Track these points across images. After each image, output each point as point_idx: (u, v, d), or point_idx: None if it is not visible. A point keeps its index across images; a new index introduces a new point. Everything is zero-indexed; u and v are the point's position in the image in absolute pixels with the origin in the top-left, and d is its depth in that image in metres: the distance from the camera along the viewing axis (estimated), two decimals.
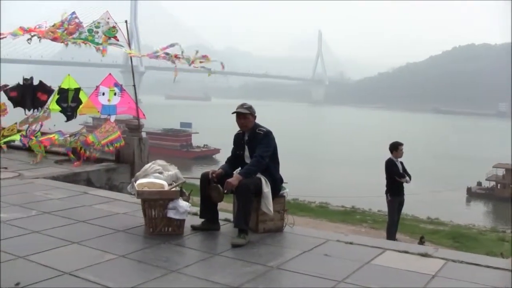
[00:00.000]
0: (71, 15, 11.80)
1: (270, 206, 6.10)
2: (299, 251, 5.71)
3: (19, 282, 4.57)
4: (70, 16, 11.81)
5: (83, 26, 11.52)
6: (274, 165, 6.37)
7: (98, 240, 5.96)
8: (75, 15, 11.80)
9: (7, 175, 10.03)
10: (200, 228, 6.36)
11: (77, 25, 11.56)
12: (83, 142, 11.33)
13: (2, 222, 6.64)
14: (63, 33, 11.57)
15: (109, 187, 10.51)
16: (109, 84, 11.63)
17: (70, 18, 11.74)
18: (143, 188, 6.17)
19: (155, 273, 4.93)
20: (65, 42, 11.61)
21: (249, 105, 6.44)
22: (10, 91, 13.00)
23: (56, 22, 11.84)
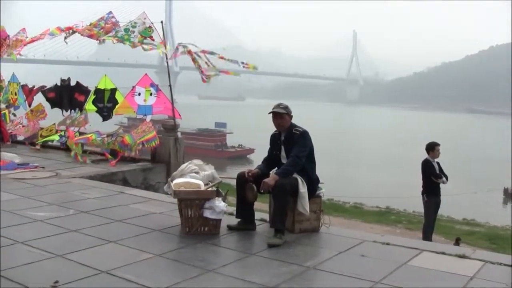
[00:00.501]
0: (108, 15, 11.95)
1: (306, 206, 6.06)
2: (335, 251, 5.66)
3: (58, 280, 4.61)
4: (107, 15, 11.96)
5: (120, 25, 11.65)
6: (311, 165, 6.33)
7: (135, 239, 5.99)
8: (112, 14, 11.95)
9: (44, 174, 10.16)
10: (236, 228, 6.34)
11: (114, 24, 11.70)
12: (120, 143, 11.42)
13: (41, 220, 6.73)
14: (99, 31, 11.71)
15: (145, 186, 10.57)
16: (145, 84, 11.72)
17: (107, 17, 11.90)
18: (180, 188, 6.17)
19: (191, 273, 4.92)
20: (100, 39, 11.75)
21: (285, 105, 6.40)
22: (48, 92, 13.21)
23: (93, 21, 12.01)
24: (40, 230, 6.31)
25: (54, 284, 4.55)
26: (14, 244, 5.69)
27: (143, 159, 11.69)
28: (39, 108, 13.97)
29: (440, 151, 12.08)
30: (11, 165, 10.74)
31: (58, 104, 13.14)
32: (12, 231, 6.17)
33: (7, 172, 10.21)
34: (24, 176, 9.92)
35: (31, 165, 10.94)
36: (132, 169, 10.96)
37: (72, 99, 12.79)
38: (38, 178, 9.70)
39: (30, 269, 4.96)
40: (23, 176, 9.86)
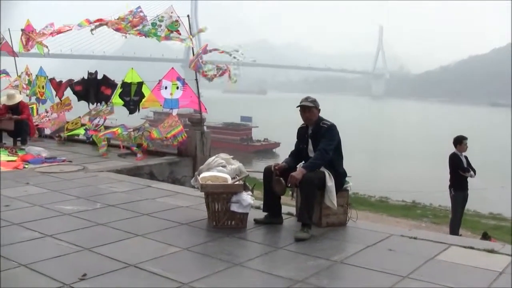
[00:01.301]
0: (137, 9, 12.03)
1: (334, 200, 6.01)
2: (362, 245, 5.62)
3: (86, 273, 4.62)
4: (135, 10, 12.03)
5: (147, 20, 11.70)
6: (338, 159, 6.27)
7: (162, 233, 5.99)
8: (140, 9, 12.02)
9: (71, 168, 10.24)
10: (263, 222, 6.32)
11: (141, 18, 11.77)
12: (147, 137, 11.47)
13: (68, 214, 6.78)
14: (127, 25, 11.78)
15: (171, 180, 10.60)
16: (171, 78, 11.75)
17: (135, 11, 11.97)
18: (207, 182, 6.17)
19: (218, 266, 4.91)
20: (126, 33, 11.81)
21: (313, 98, 6.35)
22: (75, 85, 13.34)
23: (121, 15, 12.08)
24: (68, 223, 6.36)
25: (82, 277, 4.57)
26: (43, 237, 5.73)
27: (170, 152, 11.74)
28: (66, 101, 14.10)
29: (468, 144, 11.94)
30: (38, 159, 10.85)
31: (85, 97, 13.27)
32: (41, 224, 6.23)
33: (35, 166, 10.33)
34: (52, 170, 10.01)
35: (58, 159, 11.03)
36: (158, 162, 10.99)
37: (98, 92, 12.92)
38: (65, 172, 9.78)
39: (58, 262, 4.99)
40: (51, 170, 9.95)
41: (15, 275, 4.67)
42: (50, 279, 4.53)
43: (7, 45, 15.51)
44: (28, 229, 6.03)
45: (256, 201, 6.44)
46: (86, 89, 13.20)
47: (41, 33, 14.07)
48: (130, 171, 10.21)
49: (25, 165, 10.37)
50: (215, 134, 49.60)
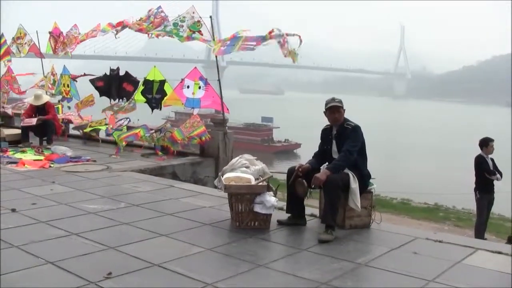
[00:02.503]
0: (157, 9, 12.08)
1: (357, 202, 6.00)
2: (387, 248, 5.59)
3: (111, 272, 4.68)
4: (156, 10, 12.08)
5: (169, 20, 11.74)
6: (362, 160, 6.26)
7: (186, 233, 6.03)
8: (161, 9, 12.06)
9: (96, 167, 10.34)
10: (286, 223, 6.33)
11: (163, 19, 11.81)
12: (169, 139, 11.52)
13: (93, 213, 6.85)
14: (148, 25, 11.85)
15: (194, 180, 10.63)
16: (194, 77, 11.78)
17: (156, 12, 12.02)
18: (230, 182, 6.19)
19: (242, 267, 4.93)
20: (148, 33, 11.89)
21: (339, 99, 6.34)
22: (97, 81, 13.46)
23: (143, 16, 12.16)
24: (93, 222, 6.43)
25: (107, 275, 4.62)
26: (69, 235, 5.81)
27: (192, 153, 11.78)
28: (89, 98, 14.25)
29: (494, 147, 11.80)
30: (64, 158, 10.97)
31: (107, 93, 13.37)
32: (67, 223, 6.32)
33: (61, 165, 10.45)
34: (77, 169, 10.12)
35: (83, 158, 11.15)
36: (181, 163, 11.04)
37: (120, 89, 12.99)
38: (90, 171, 9.89)
39: (84, 260, 5.05)
40: (76, 169, 10.06)
41: (42, 272, 4.74)
42: (76, 277, 4.59)
43: (35, 47, 15.76)
44: (55, 227, 6.12)
45: (280, 202, 6.43)
46: (108, 85, 13.29)
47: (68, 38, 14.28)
48: (153, 171, 10.27)
49: (51, 164, 10.50)
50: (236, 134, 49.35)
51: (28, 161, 10.68)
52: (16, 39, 16.16)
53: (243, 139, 58.52)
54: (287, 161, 52.26)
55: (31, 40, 15.85)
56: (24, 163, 10.45)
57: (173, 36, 11.69)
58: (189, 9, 11.74)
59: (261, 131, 67.23)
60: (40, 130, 12.86)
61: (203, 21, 11.63)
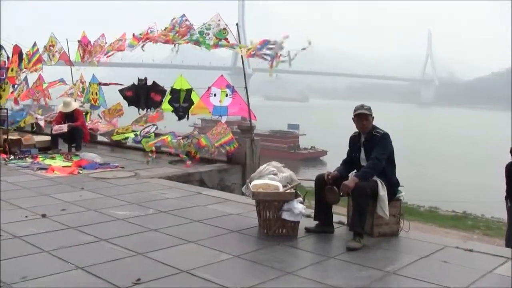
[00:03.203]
0: (182, 18, 12.12)
1: (386, 210, 5.96)
2: (416, 256, 5.53)
3: (140, 278, 4.71)
4: (180, 18, 12.13)
5: (194, 28, 11.79)
6: (391, 168, 6.22)
7: (213, 239, 6.04)
8: (185, 17, 12.11)
9: (124, 174, 10.43)
10: (314, 231, 6.30)
11: (188, 27, 11.86)
12: (196, 145, 11.56)
13: (122, 219, 6.91)
14: (174, 35, 11.91)
15: (221, 187, 10.65)
16: (221, 85, 11.82)
17: (180, 20, 12.06)
18: (258, 190, 6.20)
19: (270, 274, 4.92)
20: (175, 43, 11.95)
21: (368, 106, 6.30)
22: (126, 91, 13.59)
23: (168, 25, 12.22)
24: (122, 228, 6.48)
25: (136, 281, 4.65)
26: (98, 241, 5.87)
27: (219, 160, 11.80)
28: (117, 107, 14.38)
29: None
30: (92, 165, 11.08)
31: (135, 102, 13.50)
32: (96, 229, 6.38)
33: (89, 172, 10.55)
34: (105, 175, 10.22)
35: (111, 165, 11.25)
36: (208, 170, 11.08)
37: (148, 98, 13.10)
38: (118, 178, 9.98)
39: (113, 266, 5.09)
40: (104, 176, 10.16)
41: (72, 277, 4.80)
42: (106, 282, 4.64)
43: (65, 55, 16.00)
44: (84, 233, 6.19)
45: (307, 209, 6.42)
46: (137, 95, 13.43)
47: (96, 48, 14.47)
48: (180, 177, 10.32)
49: (80, 171, 10.62)
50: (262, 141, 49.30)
51: (57, 167, 10.81)
52: (48, 47, 16.42)
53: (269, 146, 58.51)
54: (313, 168, 52.14)
55: (61, 48, 16.12)
56: (54, 169, 10.59)
57: (200, 44, 11.74)
58: (214, 17, 11.76)
59: (288, 138, 67.23)
60: (69, 137, 13.03)
61: (229, 28, 11.67)
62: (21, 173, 10.43)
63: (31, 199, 8.08)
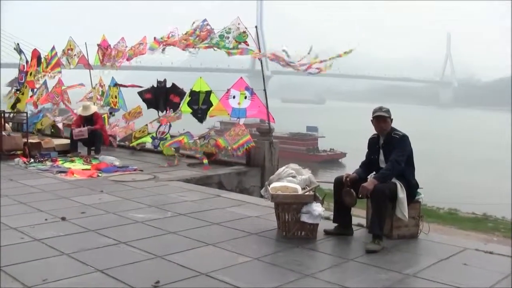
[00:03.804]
0: (203, 22, 12.20)
1: (405, 212, 5.92)
2: (435, 259, 5.48)
3: (159, 280, 4.71)
4: (201, 23, 12.19)
5: (215, 32, 11.84)
6: (410, 170, 6.18)
7: (232, 242, 6.04)
8: (206, 22, 12.17)
9: (143, 177, 10.46)
10: (333, 233, 6.28)
11: (209, 32, 11.91)
12: (214, 145, 11.59)
13: (141, 222, 6.93)
14: (195, 39, 11.96)
15: (239, 190, 10.65)
16: (240, 87, 11.84)
17: (201, 25, 12.13)
18: (277, 192, 6.19)
19: (289, 277, 4.90)
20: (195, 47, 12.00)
21: (387, 108, 6.28)
22: (145, 93, 13.67)
23: (188, 30, 12.29)
24: (141, 231, 6.51)
25: (155, 284, 4.66)
26: (118, 244, 5.89)
27: (238, 162, 11.81)
28: (137, 109, 14.45)
29: None
30: (111, 168, 11.14)
31: (154, 105, 13.56)
32: (115, 231, 6.41)
33: (108, 175, 10.61)
34: (124, 178, 10.27)
35: (130, 168, 11.30)
36: (227, 172, 11.09)
37: (167, 100, 13.16)
38: (137, 181, 10.02)
39: (132, 269, 5.11)
40: (123, 179, 10.21)
41: (91, 279, 4.81)
42: (125, 285, 4.65)
43: (84, 58, 16.12)
44: (103, 236, 6.22)
45: (326, 211, 6.41)
46: (156, 97, 13.50)
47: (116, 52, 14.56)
48: (199, 180, 10.34)
49: (99, 174, 10.69)
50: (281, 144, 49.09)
51: (77, 170, 10.89)
52: (66, 51, 16.55)
53: (288, 148, 58.41)
54: (332, 170, 51.96)
55: (80, 52, 16.25)
56: (73, 173, 10.66)
57: (220, 48, 11.78)
58: (234, 21, 11.84)
59: (306, 141, 66.98)
60: (88, 140, 13.12)
61: (248, 31, 11.70)
62: (41, 176, 10.53)
63: (50, 202, 8.15)
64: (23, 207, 7.80)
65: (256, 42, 11.58)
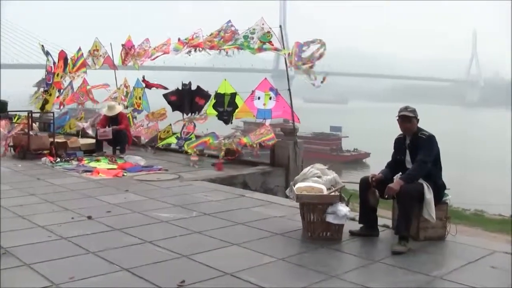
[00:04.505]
0: (227, 24, 12.25)
1: (432, 213, 5.85)
2: (463, 261, 5.41)
3: (184, 280, 4.72)
4: (226, 24, 12.25)
5: (239, 33, 11.87)
6: (437, 171, 6.12)
7: (257, 242, 6.03)
8: (231, 23, 12.22)
9: (167, 176, 10.50)
10: (358, 234, 6.24)
11: (233, 33, 11.95)
12: (237, 144, 11.59)
13: (166, 221, 6.96)
14: (219, 41, 12.00)
15: (264, 190, 10.61)
16: (264, 88, 11.86)
17: (226, 26, 12.18)
18: (302, 192, 6.17)
19: (314, 278, 4.88)
20: (220, 49, 12.04)
21: (413, 108, 6.21)
22: (170, 95, 13.73)
23: (213, 32, 12.33)
24: (166, 230, 6.53)
25: (180, 283, 4.67)
26: (143, 243, 5.92)
27: (262, 162, 11.80)
28: (160, 111, 14.51)
29: None
30: (136, 167, 11.21)
31: (179, 107, 13.61)
32: (140, 231, 6.44)
33: (133, 174, 10.67)
34: (149, 178, 10.31)
35: (155, 168, 11.35)
36: (251, 172, 11.08)
37: (192, 103, 13.20)
38: (162, 180, 10.06)
39: (158, 268, 5.13)
40: (148, 178, 10.25)
41: (117, 278, 4.85)
42: (150, 284, 4.67)
43: (109, 59, 16.25)
44: (129, 235, 6.25)
45: (352, 212, 6.37)
46: (181, 100, 13.54)
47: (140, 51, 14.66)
48: (223, 180, 10.35)
49: (124, 173, 10.74)
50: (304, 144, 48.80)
51: (102, 169, 10.98)
52: (92, 52, 16.70)
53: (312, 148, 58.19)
54: (355, 171, 51.72)
55: (105, 53, 16.39)
56: (99, 172, 10.75)
57: (244, 48, 11.80)
58: (259, 21, 11.87)
59: (330, 140, 66.67)
60: (113, 139, 13.21)
61: (272, 31, 11.71)
62: (67, 176, 10.64)
63: (77, 201, 8.22)
64: (50, 205, 7.89)
65: (281, 42, 11.58)
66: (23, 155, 12.66)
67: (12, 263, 5.21)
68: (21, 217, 7.12)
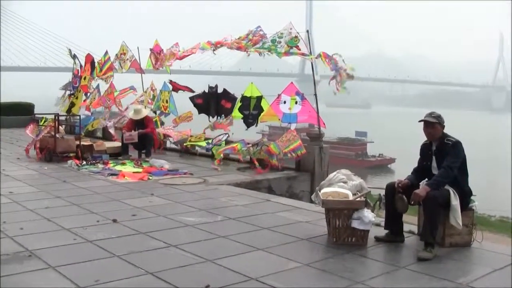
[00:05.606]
0: (256, 28, 12.35)
1: (459, 220, 5.80)
2: (489, 268, 5.36)
3: (209, 284, 4.73)
4: (255, 29, 12.35)
5: (267, 37, 11.92)
6: (463, 177, 6.06)
7: (282, 247, 6.02)
8: (260, 28, 12.30)
9: (193, 180, 10.53)
10: (384, 240, 6.20)
11: (261, 36, 12.02)
12: (266, 152, 11.56)
13: (191, 225, 6.97)
14: (247, 43, 12.06)
15: (289, 195, 10.60)
16: (291, 92, 11.87)
17: (255, 30, 12.27)
18: (328, 197, 6.15)
19: (340, 283, 4.86)
20: (247, 50, 12.09)
21: (438, 114, 6.18)
22: (196, 98, 13.81)
23: (242, 35, 12.41)
24: (191, 234, 6.54)
25: None
26: (168, 247, 5.94)
27: (288, 167, 11.77)
28: (187, 114, 14.58)
29: None
30: (162, 171, 11.25)
31: (205, 110, 13.67)
32: (166, 235, 6.46)
33: (159, 178, 10.71)
34: (174, 182, 10.34)
35: (180, 172, 11.39)
36: (277, 177, 11.06)
37: (218, 106, 13.26)
38: (187, 184, 10.09)
39: (183, 272, 5.14)
40: (174, 182, 10.28)
41: (142, 282, 4.87)
42: None
43: (136, 63, 16.38)
44: (154, 239, 6.28)
45: (377, 218, 6.34)
46: (207, 102, 13.61)
47: (169, 54, 14.76)
48: (249, 184, 10.35)
49: (149, 177, 10.79)
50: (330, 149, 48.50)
51: (127, 173, 11.03)
52: (119, 55, 16.84)
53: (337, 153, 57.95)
54: (380, 176, 51.41)
55: (132, 56, 16.51)
56: (124, 175, 10.80)
57: (271, 52, 11.83)
58: (287, 26, 11.94)
59: (356, 146, 66.36)
60: (139, 143, 13.28)
61: (300, 36, 11.73)
62: (92, 179, 10.71)
63: (102, 204, 8.28)
64: (76, 208, 7.95)
65: (308, 46, 11.58)
66: (49, 158, 12.78)
67: (37, 265, 5.27)
68: (47, 219, 7.19)
